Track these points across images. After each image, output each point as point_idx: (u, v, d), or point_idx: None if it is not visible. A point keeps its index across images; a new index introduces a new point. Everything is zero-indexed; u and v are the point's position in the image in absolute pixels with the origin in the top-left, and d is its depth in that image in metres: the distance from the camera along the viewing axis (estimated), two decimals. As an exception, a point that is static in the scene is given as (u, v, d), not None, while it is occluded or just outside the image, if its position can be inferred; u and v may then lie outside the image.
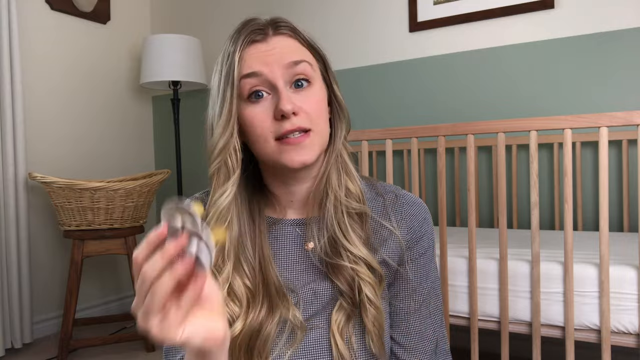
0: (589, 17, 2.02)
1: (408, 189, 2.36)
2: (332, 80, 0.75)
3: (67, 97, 2.63)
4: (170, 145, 3.05)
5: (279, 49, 0.68)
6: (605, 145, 1.27)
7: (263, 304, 0.70)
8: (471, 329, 1.46)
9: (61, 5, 2.56)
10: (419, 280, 0.76)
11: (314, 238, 0.74)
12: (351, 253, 0.71)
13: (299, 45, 0.71)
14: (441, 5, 2.30)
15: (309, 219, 0.75)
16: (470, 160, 1.45)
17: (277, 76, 0.67)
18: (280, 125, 0.67)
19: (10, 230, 2.20)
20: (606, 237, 1.26)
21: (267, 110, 0.68)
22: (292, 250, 0.76)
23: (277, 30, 0.71)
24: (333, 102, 0.76)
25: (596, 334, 1.33)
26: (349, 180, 0.75)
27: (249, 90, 0.68)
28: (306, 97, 0.69)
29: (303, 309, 0.72)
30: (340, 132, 0.76)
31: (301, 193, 0.76)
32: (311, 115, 0.68)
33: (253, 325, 0.69)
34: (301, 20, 2.62)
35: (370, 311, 0.70)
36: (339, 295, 0.72)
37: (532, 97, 2.12)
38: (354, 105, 2.50)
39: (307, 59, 0.70)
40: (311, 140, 0.68)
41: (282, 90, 0.67)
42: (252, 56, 0.68)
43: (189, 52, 2.60)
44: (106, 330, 2.51)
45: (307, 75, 0.69)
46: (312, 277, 0.74)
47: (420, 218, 0.77)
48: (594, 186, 2.02)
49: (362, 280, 0.70)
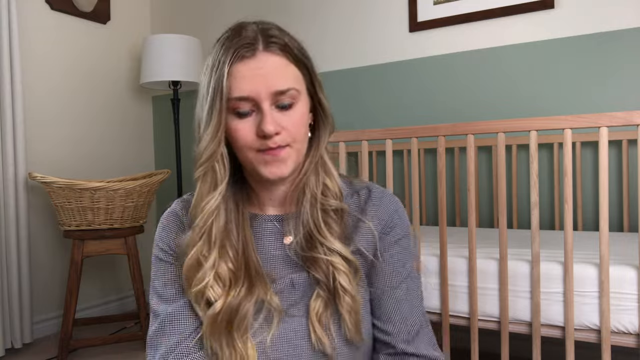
0: (589, 17, 2.02)
1: (408, 189, 2.36)
2: (317, 89, 0.78)
3: (67, 97, 2.63)
4: (170, 145, 3.06)
5: (268, 70, 0.71)
6: (605, 145, 1.27)
7: (243, 284, 0.75)
8: (471, 329, 1.46)
9: (61, 5, 2.56)
10: (395, 268, 0.81)
11: (291, 232, 0.79)
12: (326, 246, 0.76)
13: (287, 63, 0.73)
14: (441, 5, 2.30)
15: (287, 215, 0.81)
16: (470, 160, 1.45)
17: (263, 98, 0.70)
18: (262, 143, 0.71)
19: (10, 230, 2.20)
20: (606, 237, 1.26)
21: (251, 127, 0.72)
22: (272, 244, 0.81)
23: (268, 47, 0.72)
24: (317, 110, 0.80)
25: (596, 334, 1.33)
26: (328, 179, 0.80)
27: (234, 109, 0.72)
28: (289, 116, 0.72)
29: (283, 298, 0.77)
30: (323, 137, 0.80)
31: (280, 192, 0.81)
32: (292, 133, 0.73)
33: (232, 303, 0.73)
34: (301, 20, 2.62)
35: (345, 299, 0.75)
36: (316, 285, 0.77)
37: (532, 97, 2.12)
38: (354, 105, 2.50)
39: (294, 86, 0.72)
40: (288, 153, 0.73)
41: (266, 111, 0.70)
42: (241, 75, 0.70)
43: (189, 52, 2.60)
44: (106, 330, 2.51)
45: (292, 98, 0.73)
46: (290, 269, 0.79)
47: (390, 209, 0.83)
48: (594, 186, 2.02)
49: (337, 270, 0.75)
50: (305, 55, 0.77)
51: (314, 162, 0.79)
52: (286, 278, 0.78)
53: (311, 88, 0.78)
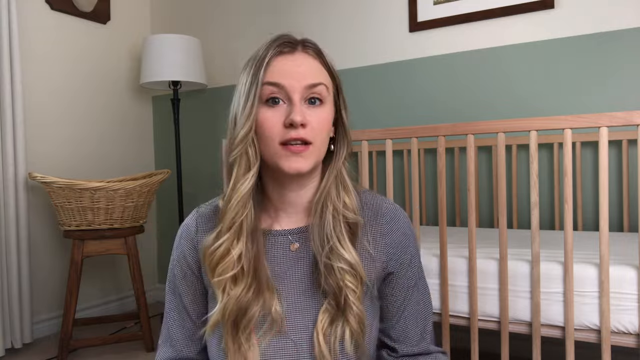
0: (589, 17, 2.02)
1: (408, 189, 2.36)
2: (342, 105, 0.84)
3: (67, 97, 2.63)
4: (170, 145, 3.06)
5: (303, 67, 0.77)
6: (605, 145, 1.27)
7: (251, 286, 0.77)
8: (471, 329, 1.46)
9: (61, 5, 2.56)
10: (406, 286, 0.85)
11: (314, 242, 0.80)
12: (344, 259, 0.77)
13: (320, 67, 0.80)
14: (441, 5, 2.30)
15: (310, 225, 0.82)
16: (470, 160, 1.45)
17: (296, 91, 0.75)
18: (287, 132, 0.74)
19: (10, 230, 2.20)
20: (606, 237, 1.26)
21: (280, 117, 0.75)
22: (280, 254, 0.83)
23: (305, 48, 0.79)
24: (339, 125, 0.85)
25: (596, 334, 1.33)
26: (346, 195, 0.83)
27: (268, 95, 0.76)
28: (316, 113, 0.77)
29: (288, 308, 0.79)
30: (342, 151, 0.84)
31: (294, 200, 0.83)
32: (315, 130, 0.76)
33: (241, 303, 0.76)
34: (301, 20, 2.62)
35: (354, 311, 0.76)
36: (324, 298, 0.78)
37: (532, 97, 2.12)
38: (354, 105, 2.50)
39: (324, 82, 0.78)
40: (309, 152, 0.76)
41: (296, 103, 0.75)
42: (279, 66, 0.76)
43: (189, 52, 2.60)
44: (106, 330, 2.51)
45: (321, 95, 0.78)
46: (298, 279, 0.81)
47: (403, 230, 0.85)
48: (594, 186, 2.02)
49: (347, 284, 0.77)
50: (336, 72, 0.83)
51: (334, 175, 0.82)
52: (293, 287, 0.80)
53: (337, 101, 0.83)
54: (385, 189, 1.57)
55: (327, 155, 0.83)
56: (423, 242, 1.68)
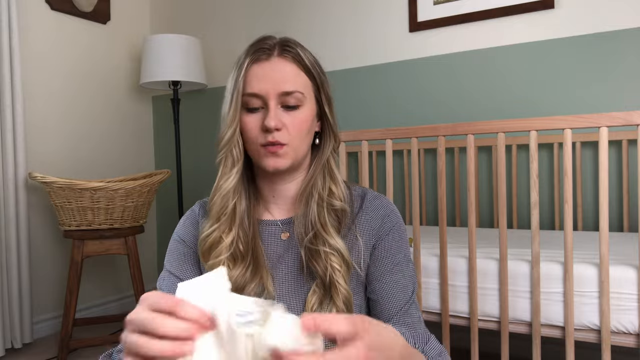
0: (589, 17, 2.02)
1: (408, 189, 2.36)
2: (324, 100, 0.86)
3: (67, 97, 2.63)
4: (170, 145, 3.06)
5: (279, 74, 0.80)
6: (605, 145, 1.27)
7: (249, 266, 0.82)
8: (471, 329, 1.46)
9: (61, 5, 2.56)
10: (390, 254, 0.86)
11: (295, 230, 0.85)
12: (329, 243, 0.81)
13: (297, 70, 0.82)
14: (441, 5, 2.30)
15: (295, 215, 0.87)
16: (470, 160, 1.45)
17: (271, 97, 0.80)
18: (264, 137, 0.80)
19: (10, 230, 2.20)
20: (606, 237, 1.27)
21: (258, 121, 0.81)
22: (272, 240, 0.88)
23: (282, 53, 0.82)
24: (324, 119, 0.88)
25: (596, 334, 1.33)
26: (333, 184, 0.87)
27: (247, 104, 0.82)
28: (292, 117, 0.81)
29: (279, 290, 0.84)
30: (328, 144, 0.89)
31: (289, 193, 0.88)
32: (292, 133, 0.81)
33: (238, 284, 0.80)
34: (301, 20, 2.62)
35: (340, 291, 0.80)
36: (311, 280, 0.82)
37: (532, 97, 2.12)
38: (354, 105, 2.50)
39: (299, 89, 0.81)
40: (285, 151, 0.81)
41: (272, 109, 0.80)
42: (255, 74, 0.81)
43: (188, 52, 2.60)
44: (106, 330, 2.51)
45: (297, 100, 0.81)
46: (288, 264, 0.85)
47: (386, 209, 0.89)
48: (594, 186, 2.02)
49: (335, 266, 0.81)
50: (318, 69, 0.85)
51: (320, 166, 0.87)
52: (285, 274, 0.84)
53: (319, 98, 0.86)
54: (385, 189, 1.57)
55: (315, 148, 0.88)
56: (423, 242, 1.68)
